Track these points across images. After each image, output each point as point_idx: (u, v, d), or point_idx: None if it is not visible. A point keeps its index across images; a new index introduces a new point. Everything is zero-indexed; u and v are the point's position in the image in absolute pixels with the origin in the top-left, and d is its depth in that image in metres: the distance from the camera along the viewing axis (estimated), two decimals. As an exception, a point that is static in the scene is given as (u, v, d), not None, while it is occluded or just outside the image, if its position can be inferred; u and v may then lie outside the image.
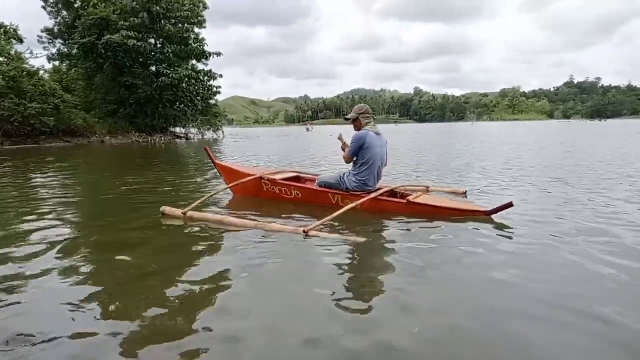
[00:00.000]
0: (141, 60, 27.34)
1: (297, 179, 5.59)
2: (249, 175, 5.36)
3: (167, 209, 4.42)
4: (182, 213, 4.22)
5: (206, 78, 29.80)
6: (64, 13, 29.24)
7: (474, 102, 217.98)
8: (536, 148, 15.14)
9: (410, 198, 4.42)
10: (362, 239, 3.43)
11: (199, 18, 28.64)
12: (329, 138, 29.92)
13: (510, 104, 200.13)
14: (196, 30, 29.29)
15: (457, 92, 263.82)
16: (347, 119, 4.77)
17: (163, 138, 28.75)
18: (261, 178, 5.26)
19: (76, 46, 26.48)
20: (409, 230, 3.83)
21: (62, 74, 29.30)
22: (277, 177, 5.32)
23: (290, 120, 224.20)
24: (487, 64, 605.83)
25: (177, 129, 31.55)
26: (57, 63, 30.74)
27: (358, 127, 4.71)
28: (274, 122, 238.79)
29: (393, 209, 4.43)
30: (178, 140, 28.75)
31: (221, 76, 30.29)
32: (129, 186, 6.95)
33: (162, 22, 27.16)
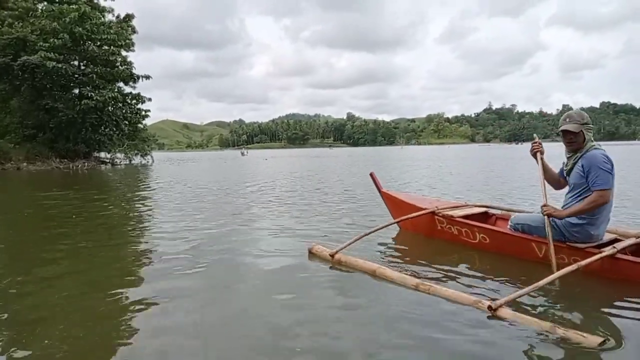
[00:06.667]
0: (63, 82, 26.05)
1: (484, 215, 4.32)
2: (420, 208, 4.32)
3: (315, 248, 3.84)
4: (330, 255, 3.61)
5: (134, 101, 28.90)
6: (-26, 31, 27.31)
7: (403, 127, 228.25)
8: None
9: None
10: (592, 339, 1.99)
11: (127, 41, 27.93)
12: (264, 162, 30.12)
13: (436, 129, 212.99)
14: (123, 53, 28.49)
15: (387, 118, 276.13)
16: (559, 133, 3.12)
17: (86, 163, 27.21)
18: (434, 213, 4.17)
19: (-12, 67, 24.72)
20: None
21: (-29, 96, 27.13)
22: (456, 212, 4.14)
23: (225, 144, 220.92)
24: (412, 91, 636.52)
25: (102, 154, 30.15)
26: (-35, 84, 28.46)
27: (577, 146, 3.07)
28: (207, 146, 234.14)
29: None
30: (103, 166, 27.41)
31: (150, 99, 29.54)
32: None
33: (87, 43, 26.15)
